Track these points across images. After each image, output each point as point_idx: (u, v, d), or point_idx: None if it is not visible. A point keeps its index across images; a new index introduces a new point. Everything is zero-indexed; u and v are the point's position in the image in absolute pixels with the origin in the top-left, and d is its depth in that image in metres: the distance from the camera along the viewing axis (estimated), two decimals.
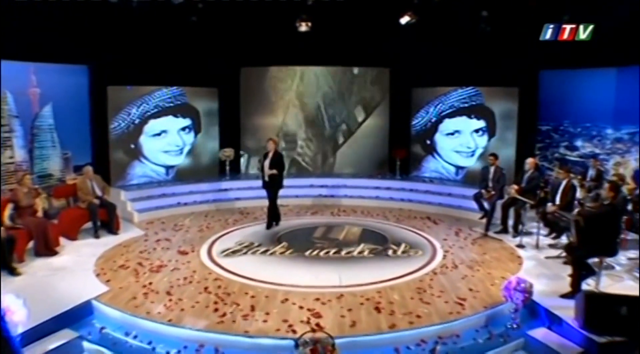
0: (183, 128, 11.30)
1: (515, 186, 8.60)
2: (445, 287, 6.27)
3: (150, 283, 6.27)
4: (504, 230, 8.74)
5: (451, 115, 11.54)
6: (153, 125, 10.89)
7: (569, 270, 6.69)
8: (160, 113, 10.94)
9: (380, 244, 8.03)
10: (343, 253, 7.58)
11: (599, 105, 10.24)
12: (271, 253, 7.59)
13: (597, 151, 10.31)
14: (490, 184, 8.96)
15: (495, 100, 11.15)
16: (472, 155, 11.41)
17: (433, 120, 11.78)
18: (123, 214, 9.21)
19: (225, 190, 11.07)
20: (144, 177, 10.94)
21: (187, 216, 9.80)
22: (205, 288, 6.14)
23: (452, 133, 11.59)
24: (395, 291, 6.11)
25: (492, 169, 9.03)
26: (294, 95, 12.14)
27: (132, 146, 10.73)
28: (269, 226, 8.95)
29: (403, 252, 7.67)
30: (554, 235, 8.28)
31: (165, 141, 11.10)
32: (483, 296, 5.99)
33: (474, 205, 9.49)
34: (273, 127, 12.10)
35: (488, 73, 10.80)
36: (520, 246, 7.97)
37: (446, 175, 11.77)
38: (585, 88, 10.46)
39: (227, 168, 11.56)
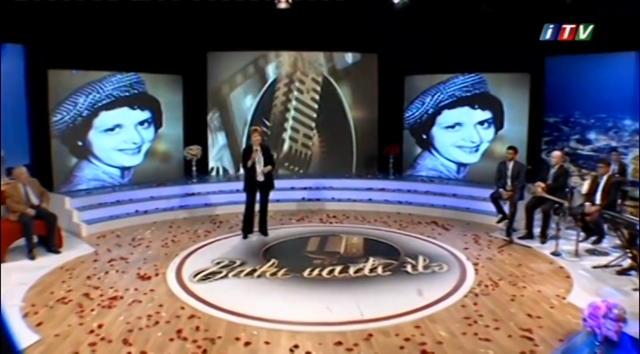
0: (141, 122, 9.66)
1: (542, 184, 7.42)
2: (497, 314, 4.84)
3: (100, 326, 4.52)
4: (529, 235, 7.52)
5: (451, 106, 10.19)
6: (105, 118, 9.20)
7: (629, 282, 5.62)
8: (114, 104, 9.27)
9: (393, 258, 6.55)
10: (351, 271, 6.03)
11: (616, 93, 9.13)
12: (259, 275, 5.97)
13: (614, 144, 9.25)
14: (509, 182, 7.76)
15: (502, 88, 9.88)
16: (476, 151, 10.09)
17: (430, 111, 10.43)
18: (67, 227, 7.64)
19: (192, 194, 9.53)
20: (94, 180, 9.25)
21: (148, 228, 8.18)
22: (179, 332, 4.44)
23: (452, 126, 10.25)
24: (438, 323, 4.61)
25: (510, 165, 7.90)
26: (269, 84, 10.60)
27: (80, 143, 9.02)
28: (264, 233, 7.71)
29: (425, 267, 6.21)
30: (592, 239, 7.14)
31: (120, 137, 9.43)
32: (549, 324, 4.62)
33: (483, 206, 8.47)
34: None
35: (493, 58, 9.55)
36: (556, 254, 6.74)
37: (446, 173, 10.42)
38: (600, 75, 9.33)
39: (194, 168, 9.94)
